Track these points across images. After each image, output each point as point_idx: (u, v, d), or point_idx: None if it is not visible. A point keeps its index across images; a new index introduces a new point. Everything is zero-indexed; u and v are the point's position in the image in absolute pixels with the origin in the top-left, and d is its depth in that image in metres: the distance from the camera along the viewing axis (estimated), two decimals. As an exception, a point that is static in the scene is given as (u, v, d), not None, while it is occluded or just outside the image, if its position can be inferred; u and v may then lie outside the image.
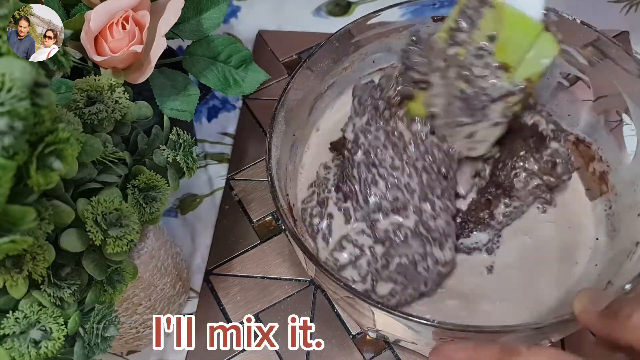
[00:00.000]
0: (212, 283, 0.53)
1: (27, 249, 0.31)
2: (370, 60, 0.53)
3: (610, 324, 0.31)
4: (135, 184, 0.38)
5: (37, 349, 0.32)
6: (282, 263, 0.53)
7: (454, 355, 0.34)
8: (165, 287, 0.47)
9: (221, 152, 0.61)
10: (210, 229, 0.56)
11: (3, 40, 0.28)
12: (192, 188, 0.59)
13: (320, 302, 0.51)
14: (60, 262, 0.34)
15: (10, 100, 0.25)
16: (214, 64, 0.51)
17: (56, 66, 0.33)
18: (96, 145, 0.35)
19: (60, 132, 0.28)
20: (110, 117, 0.38)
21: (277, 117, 0.45)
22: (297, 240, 0.40)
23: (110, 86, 0.39)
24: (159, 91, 0.49)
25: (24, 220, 0.28)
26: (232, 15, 0.71)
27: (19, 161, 0.27)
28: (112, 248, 0.34)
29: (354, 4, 0.70)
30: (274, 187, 0.42)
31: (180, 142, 0.42)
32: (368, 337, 0.49)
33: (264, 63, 0.59)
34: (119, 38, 0.45)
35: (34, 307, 0.33)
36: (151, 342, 0.50)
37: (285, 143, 0.47)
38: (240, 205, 0.57)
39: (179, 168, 0.41)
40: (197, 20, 0.50)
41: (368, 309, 0.38)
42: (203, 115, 0.63)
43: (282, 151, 0.46)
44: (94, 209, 0.34)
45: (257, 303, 0.51)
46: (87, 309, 0.36)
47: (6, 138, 0.25)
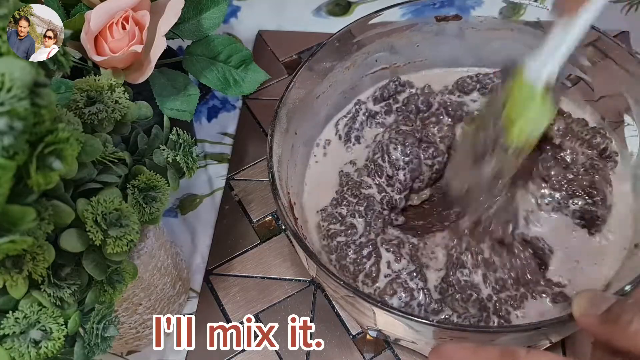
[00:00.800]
0: (212, 283, 0.53)
1: (27, 249, 0.31)
2: (373, 60, 0.53)
3: (611, 329, 0.31)
4: (135, 184, 0.38)
5: (37, 349, 0.32)
6: (282, 263, 0.53)
7: (454, 356, 0.34)
8: (165, 287, 0.47)
9: (221, 152, 0.61)
10: (210, 229, 0.56)
11: (3, 40, 0.28)
12: (192, 188, 0.59)
13: (320, 302, 0.51)
14: (60, 262, 0.34)
15: (10, 100, 0.25)
16: (214, 64, 0.51)
17: (56, 66, 0.33)
18: (96, 145, 0.35)
19: (60, 132, 0.28)
20: (110, 117, 0.38)
21: (279, 114, 0.45)
22: (298, 240, 0.40)
23: (110, 86, 0.39)
24: (159, 91, 0.49)
25: (23, 220, 0.28)
26: (232, 15, 0.71)
27: (19, 161, 0.27)
28: (112, 248, 0.34)
29: (354, 4, 0.70)
30: (275, 185, 0.42)
31: (180, 142, 0.42)
32: (368, 337, 0.49)
33: (264, 63, 0.59)
34: (119, 38, 0.45)
35: (34, 307, 0.33)
36: (151, 342, 0.50)
37: (287, 141, 0.47)
38: (240, 205, 0.57)
39: (179, 168, 0.41)
40: (197, 20, 0.50)
41: (369, 308, 0.38)
42: (203, 115, 0.63)
43: (283, 149, 0.46)
44: (94, 209, 0.34)
45: (257, 303, 0.51)
46: (87, 309, 0.36)
47: (6, 138, 0.25)
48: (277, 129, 0.45)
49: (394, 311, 0.36)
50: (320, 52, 0.49)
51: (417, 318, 0.36)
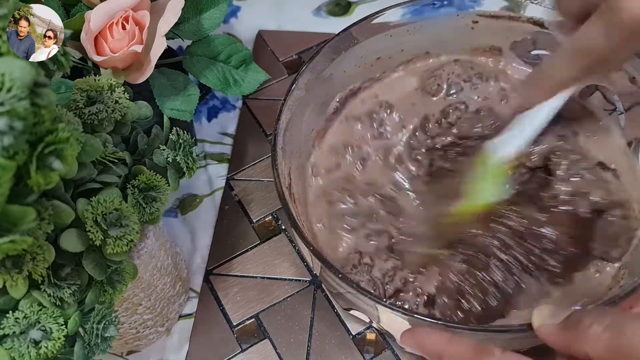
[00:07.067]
0: (212, 283, 0.53)
1: (27, 249, 0.31)
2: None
3: (571, 335, 0.30)
4: (135, 184, 0.38)
5: (37, 349, 0.32)
6: (282, 263, 0.53)
7: (427, 341, 0.34)
8: (165, 287, 0.47)
9: (221, 152, 0.61)
10: (210, 229, 0.56)
11: (3, 40, 0.28)
12: (192, 188, 0.59)
13: (320, 302, 0.51)
14: (60, 262, 0.34)
15: (10, 100, 0.25)
16: (214, 64, 0.51)
17: (56, 66, 0.33)
18: (96, 145, 0.35)
19: (60, 132, 0.28)
20: (110, 117, 0.38)
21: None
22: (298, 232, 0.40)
23: (110, 86, 0.39)
24: (159, 91, 0.49)
25: (23, 220, 0.28)
26: (232, 15, 0.71)
27: (18, 161, 0.27)
28: (112, 248, 0.34)
29: (354, 4, 0.70)
30: (275, 150, 0.43)
31: (180, 142, 0.42)
32: (369, 337, 0.49)
33: (264, 63, 0.59)
34: (119, 38, 0.45)
35: (34, 307, 0.33)
36: (151, 342, 0.50)
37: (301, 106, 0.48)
38: (240, 205, 0.57)
39: (179, 168, 0.41)
40: (197, 20, 0.50)
41: (373, 306, 0.38)
42: (203, 115, 0.63)
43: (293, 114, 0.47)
44: (94, 209, 0.34)
45: (257, 303, 0.51)
46: (87, 309, 0.36)
47: (6, 138, 0.25)
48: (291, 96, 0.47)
49: (399, 309, 0.36)
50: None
51: (421, 316, 0.36)
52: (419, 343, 0.34)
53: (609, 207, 0.43)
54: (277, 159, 0.44)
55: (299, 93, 0.48)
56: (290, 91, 0.46)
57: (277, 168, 0.43)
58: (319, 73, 0.49)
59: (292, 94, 0.47)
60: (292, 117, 0.47)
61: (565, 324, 0.31)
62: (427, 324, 0.36)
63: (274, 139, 0.44)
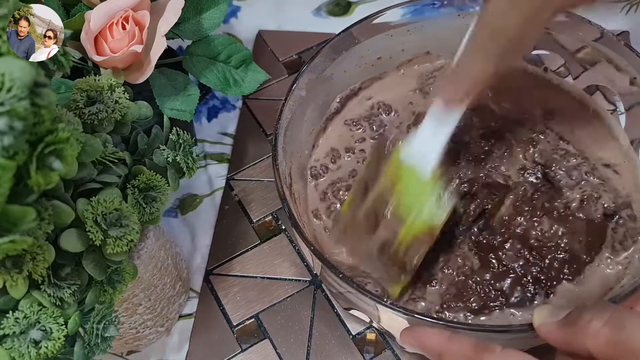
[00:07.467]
0: (212, 283, 0.53)
1: (27, 249, 0.31)
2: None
3: (570, 332, 0.30)
4: (135, 184, 0.38)
5: (37, 349, 0.32)
6: (282, 263, 0.53)
7: (427, 339, 0.34)
8: (165, 287, 0.47)
9: (221, 152, 0.61)
10: (210, 229, 0.56)
11: (3, 40, 0.28)
12: (192, 188, 0.59)
13: (320, 302, 0.51)
14: (60, 262, 0.34)
15: (10, 100, 0.25)
16: (214, 64, 0.51)
17: (56, 66, 0.33)
18: (96, 145, 0.35)
19: (60, 132, 0.28)
20: (110, 117, 0.38)
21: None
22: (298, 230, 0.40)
23: (110, 86, 0.39)
24: (159, 91, 0.49)
25: (23, 220, 0.28)
26: (232, 15, 0.71)
27: (18, 161, 0.26)
28: (112, 248, 0.34)
29: (354, 4, 0.70)
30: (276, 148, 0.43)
31: (180, 142, 0.42)
32: (369, 337, 0.49)
33: (264, 63, 0.59)
34: (119, 38, 0.45)
35: (34, 307, 0.33)
36: (151, 342, 0.50)
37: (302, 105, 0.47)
38: (240, 205, 0.57)
39: (179, 168, 0.41)
40: (197, 20, 0.50)
41: (373, 305, 0.38)
42: (203, 115, 0.63)
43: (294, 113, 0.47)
44: (94, 209, 0.34)
45: (257, 303, 0.51)
46: (87, 309, 0.36)
47: (6, 138, 0.25)
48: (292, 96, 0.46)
49: (399, 308, 0.36)
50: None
51: (421, 315, 0.36)
52: (419, 341, 0.34)
53: (618, 209, 0.43)
54: (278, 158, 0.44)
55: (300, 93, 0.48)
56: (291, 91, 0.46)
57: (277, 168, 0.43)
58: (319, 73, 0.49)
59: (293, 94, 0.47)
60: (292, 117, 0.47)
61: (565, 321, 0.31)
62: (427, 323, 0.36)
63: (275, 139, 0.44)
